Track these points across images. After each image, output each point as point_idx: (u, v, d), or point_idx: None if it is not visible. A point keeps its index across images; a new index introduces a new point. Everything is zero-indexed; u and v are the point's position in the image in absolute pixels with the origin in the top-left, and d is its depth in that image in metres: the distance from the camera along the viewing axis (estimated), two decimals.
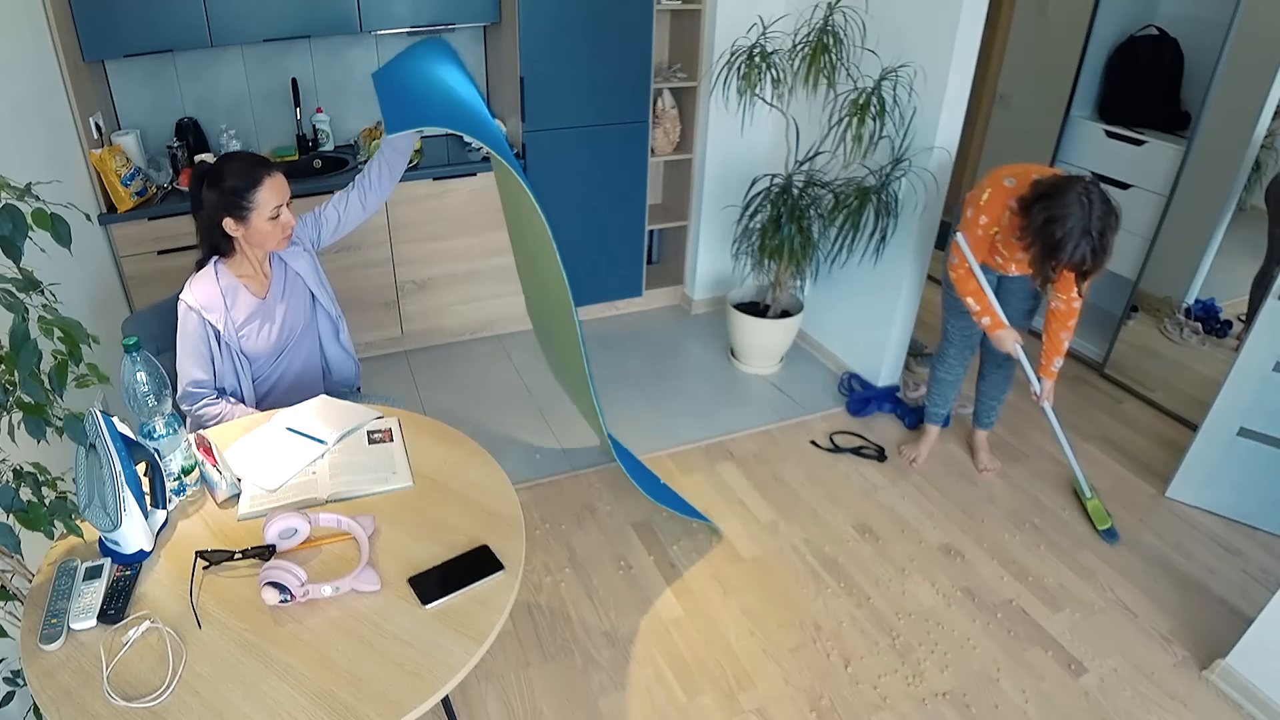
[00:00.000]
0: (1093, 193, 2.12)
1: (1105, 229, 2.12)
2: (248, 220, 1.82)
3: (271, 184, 1.82)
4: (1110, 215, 2.13)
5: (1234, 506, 2.71)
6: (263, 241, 1.88)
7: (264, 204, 1.82)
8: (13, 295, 1.21)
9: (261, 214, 1.82)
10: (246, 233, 1.85)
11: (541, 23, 3.16)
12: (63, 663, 1.20)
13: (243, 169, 1.81)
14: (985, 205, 2.39)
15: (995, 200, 2.36)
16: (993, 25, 3.52)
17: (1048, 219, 2.13)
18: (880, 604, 2.38)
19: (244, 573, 1.36)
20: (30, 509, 1.28)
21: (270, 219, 1.84)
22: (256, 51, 3.24)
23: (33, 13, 2.41)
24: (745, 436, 3.13)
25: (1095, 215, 2.10)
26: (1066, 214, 2.10)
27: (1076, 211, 2.10)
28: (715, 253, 3.92)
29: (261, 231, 1.85)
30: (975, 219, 2.42)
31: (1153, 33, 3.44)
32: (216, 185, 1.80)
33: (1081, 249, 2.12)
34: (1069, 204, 2.10)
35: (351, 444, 1.70)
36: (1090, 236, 2.10)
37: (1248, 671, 2.08)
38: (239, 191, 1.80)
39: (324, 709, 1.14)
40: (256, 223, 1.83)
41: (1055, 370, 2.61)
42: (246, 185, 1.80)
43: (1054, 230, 2.12)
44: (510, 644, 2.22)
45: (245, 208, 1.81)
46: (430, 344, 3.69)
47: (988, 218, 2.39)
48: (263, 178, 1.81)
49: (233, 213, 1.81)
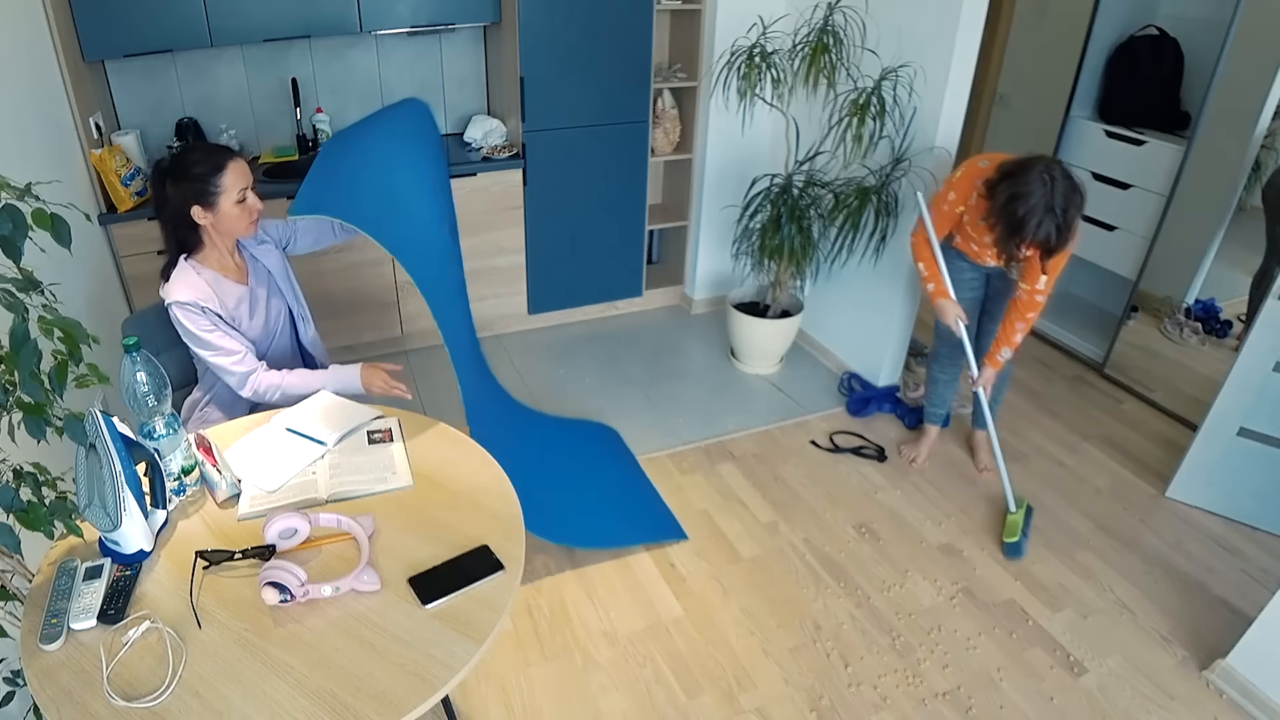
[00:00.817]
0: (1054, 170, 2.13)
1: (1068, 205, 2.13)
2: (216, 206, 1.84)
3: (235, 168, 1.85)
4: (1074, 193, 2.14)
5: (1234, 506, 2.71)
6: (231, 227, 1.89)
7: (230, 187, 1.84)
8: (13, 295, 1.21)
9: (229, 198, 1.84)
10: (215, 220, 1.86)
11: (541, 23, 3.16)
12: (63, 663, 1.20)
13: (204, 157, 1.84)
14: (956, 182, 2.42)
15: (966, 178, 2.39)
16: (993, 25, 3.52)
17: (1010, 197, 2.14)
18: (880, 604, 2.38)
19: (244, 573, 1.36)
20: (30, 509, 1.28)
21: (237, 203, 1.86)
22: (256, 51, 3.24)
23: (33, 13, 2.41)
24: (745, 436, 3.13)
25: (1058, 192, 2.11)
26: (1029, 191, 2.11)
27: (1039, 189, 2.11)
28: (715, 253, 3.92)
29: (230, 216, 1.87)
30: (944, 193, 2.46)
31: (1153, 33, 3.44)
32: (181, 177, 1.82)
33: (1045, 226, 2.13)
34: (1031, 181, 2.12)
35: (351, 444, 1.70)
36: (1054, 214, 2.11)
37: (1248, 671, 2.08)
38: (204, 178, 1.82)
39: (324, 709, 1.14)
40: (224, 207, 1.85)
41: (1000, 360, 2.59)
42: (211, 171, 1.82)
43: (1017, 208, 2.13)
44: (510, 644, 2.22)
45: (213, 193, 1.83)
46: (430, 344, 3.69)
47: (956, 194, 2.43)
48: (225, 162, 1.84)
49: (201, 200, 1.83)
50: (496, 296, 3.66)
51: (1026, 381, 3.50)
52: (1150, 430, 3.21)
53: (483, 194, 3.38)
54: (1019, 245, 2.21)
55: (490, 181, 3.37)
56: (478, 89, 3.67)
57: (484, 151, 3.42)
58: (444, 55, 3.54)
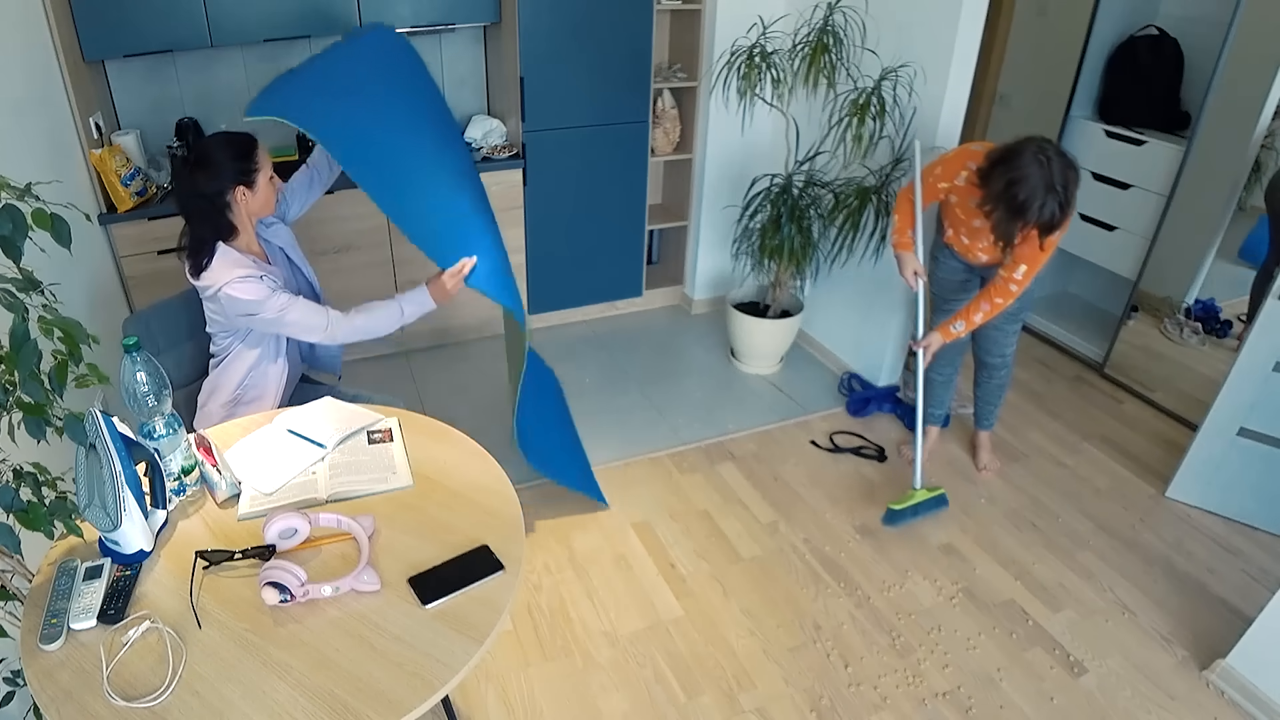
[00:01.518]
0: (1048, 150, 2.12)
1: (1067, 182, 2.12)
2: (255, 184, 1.91)
3: (262, 147, 1.93)
4: (1070, 169, 2.13)
5: (1234, 506, 2.71)
6: (264, 206, 1.96)
7: (265, 164, 1.92)
8: (13, 295, 1.21)
9: (265, 174, 1.92)
10: (252, 200, 1.91)
11: (541, 23, 3.16)
12: (63, 663, 1.20)
13: (234, 141, 1.90)
14: (948, 159, 2.41)
15: (957, 157, 2.39)
16: (993, 25, 3.52)
17: (1009, 182, 2.13)
18: (880, 604, 2.38)
19: (244, 573, 1.36)
20: (30, 509, 1.28)
21: (269, 179, 1.93)
22: (256, 51, 3.24)
23: (33, 12, 2.41)
24: (745, 436, 3.13)
25: (1056, 171, 2.10)
26: (1026, 174, 2.10)
27: (1035, 171, 2.10)
28: (715, 253, 3.92)
29: (265, 194, 1.94)
30: (932, 168, 2.45)
31: (1153, 33, 3.43)
32: (215, 165, 1.87)
33: (1049, 206, 2.12)
34: (1026, 164, 2.11)
35: (351, 444, 1.70)
36: (1055, 192, 2.10)
37: (1248, 671, 2.08)
38: (243, 158, 1.88)
39: (324, 709, 1.14)
40: (262, 184, 1.92)
41: (953, 331, 2.48)
42: (247, 151, 1.89)
43: (1017, 192, 2.12)
44: (510, 644, 2.22)
45: (253, 171, 1.90)
46: (430, 344, 3.69)
47: (942, 169, 2.42)
48: (254, 142, 1.92)
49: (243, 180, 1.88)
50: None
51: (1027, 381, 3.50)
52: (1150, 430, 3.21)
53: None
54: (1021, 228, 2.19)
55: (490, 181, 3.36)
56: (478, 89, 3.67)
57: (484, 151, 3.42)
58: (444, 55, 3.54)
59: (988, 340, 2.71)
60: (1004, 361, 2.74)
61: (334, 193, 3.12)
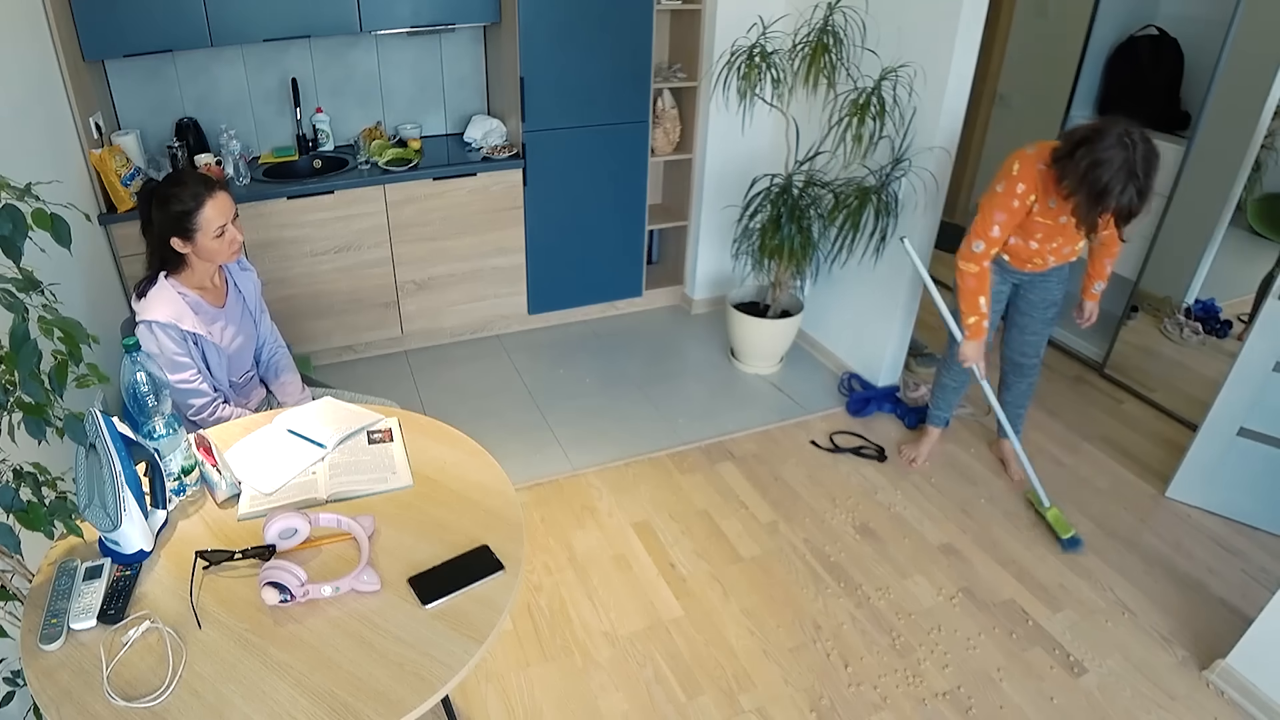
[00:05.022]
0: (1134, 133, 2.03)
1: (1149, 170, 2.04)
2: (194, 240, 1.87)
3: (214, 204, 1.86)
4: (1153, 155, 2.05)
5: (1234, 506, 2.71)
6: (212, 256, 1.93)
7: (209, 224, 1.86)
8: (13, 295, 1.21)
9: (207, 233, 1.87)
10: (195, 249, 1.90)
11: (541, 23, 3.16)
12: (63, 663, 1.20)
13: (186, 191, 1.84)
14: (1019, 174, 2.29)
15: (1027, 167, 2.28)
16: (993, 25, 3.52)
17: (1091, 163, 2.05)
18: (880, 604, 2.38)
19: (244, 573, 1.36)
20: (30, 509, 1.27)
21: (215, 237, 1.88)
22: (256, 51, 3.24)
23: (33, 13, 2.41)
24: (745, 436, 3.13)
25: (1139, 156, 2.02)
26: (1110, 157, 2.02)
27: (1119, 154, 2.02)
28: (715, 253, 3.92)
29: (209, 249, 1.90)
30: (1010, 190, 2.31)
31: (1153, 33, 3.44)
32: (163, 206, 1.85)
33: (1129, 192, 2.04)
34: (1110, 146, 2.03)
35: (351, 444, 1.70)
36: (1136, 178, 2.03)
37: (1248, 671, 2.08)
38: (184, 215, 1.84)
39: (324, 709, 1.14)
40: (203, 241, 1.88)
41: (1096, 293, 2.68)
42: (191, 208, 1.84)
43: (1100, 174, 2.03)
44: (510, 644, 2.22)
45: (190, 229, 1.86)
46: (430, 344, 3.69)
47: (1025, 185, 2.29)
48: (205, 200, 1.85)
49: (179, 233, 1.86)
50: (496, 296, 3.66)
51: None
52: (1150, 430, 3.21)
53: (483, 194, 3.38)
54: (1102, 213, 2.10)
55: (490, 181, 3.37)
56: (478, 89, 3.67)
57: (484, 151, 3.42)
58: (444, 55, 3.54)
59: (1022, 343, 2.69)
60: (1038, 362, 2.73)
61: (334, 193, 3.13)
